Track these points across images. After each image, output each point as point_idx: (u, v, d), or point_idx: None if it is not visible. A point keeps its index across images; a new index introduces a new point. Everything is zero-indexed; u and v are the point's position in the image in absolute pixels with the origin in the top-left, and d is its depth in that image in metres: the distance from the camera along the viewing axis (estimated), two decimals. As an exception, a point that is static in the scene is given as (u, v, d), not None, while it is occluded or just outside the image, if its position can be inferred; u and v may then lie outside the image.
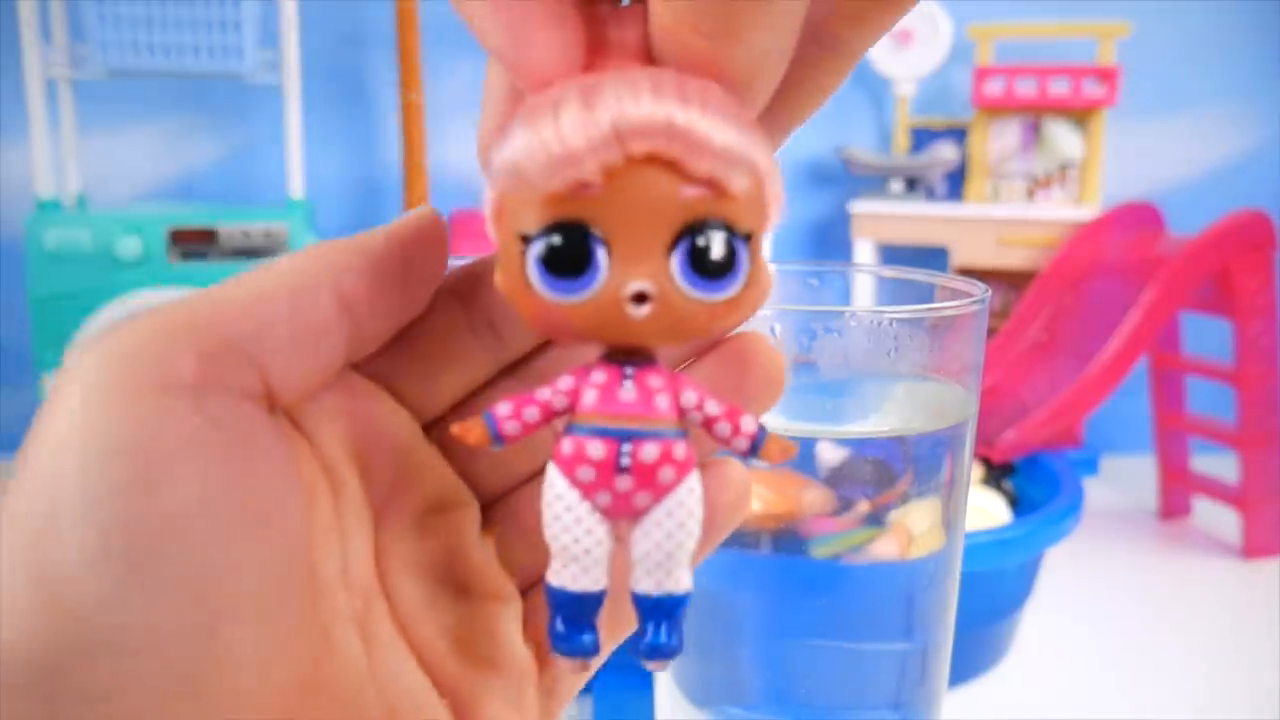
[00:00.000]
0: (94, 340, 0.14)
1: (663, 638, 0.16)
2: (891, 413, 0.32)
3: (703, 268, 0.14)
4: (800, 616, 0.33)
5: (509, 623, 0.18)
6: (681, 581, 0.16)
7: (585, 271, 0.14)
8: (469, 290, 0.18)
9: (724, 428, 0.16)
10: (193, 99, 0.86)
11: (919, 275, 0.33)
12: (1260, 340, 0.66)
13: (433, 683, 0.17)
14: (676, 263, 0.14)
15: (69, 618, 0.13)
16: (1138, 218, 0.78)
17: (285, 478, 0.15)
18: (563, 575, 0.16)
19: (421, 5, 0.80)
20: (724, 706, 0.35)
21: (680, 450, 0.15)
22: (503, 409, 0.16)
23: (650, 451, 0.15)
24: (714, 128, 0.13)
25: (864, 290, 0.37)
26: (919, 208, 0.86)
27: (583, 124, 0.13)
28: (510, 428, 0.16)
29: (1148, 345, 0.66)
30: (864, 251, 0.88)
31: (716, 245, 0.14)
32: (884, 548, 0.34)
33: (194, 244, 0.65)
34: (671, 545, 0.15)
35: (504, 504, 0.19)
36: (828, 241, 0.97)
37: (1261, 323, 0.66)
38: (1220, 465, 0.72)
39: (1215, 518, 0.74)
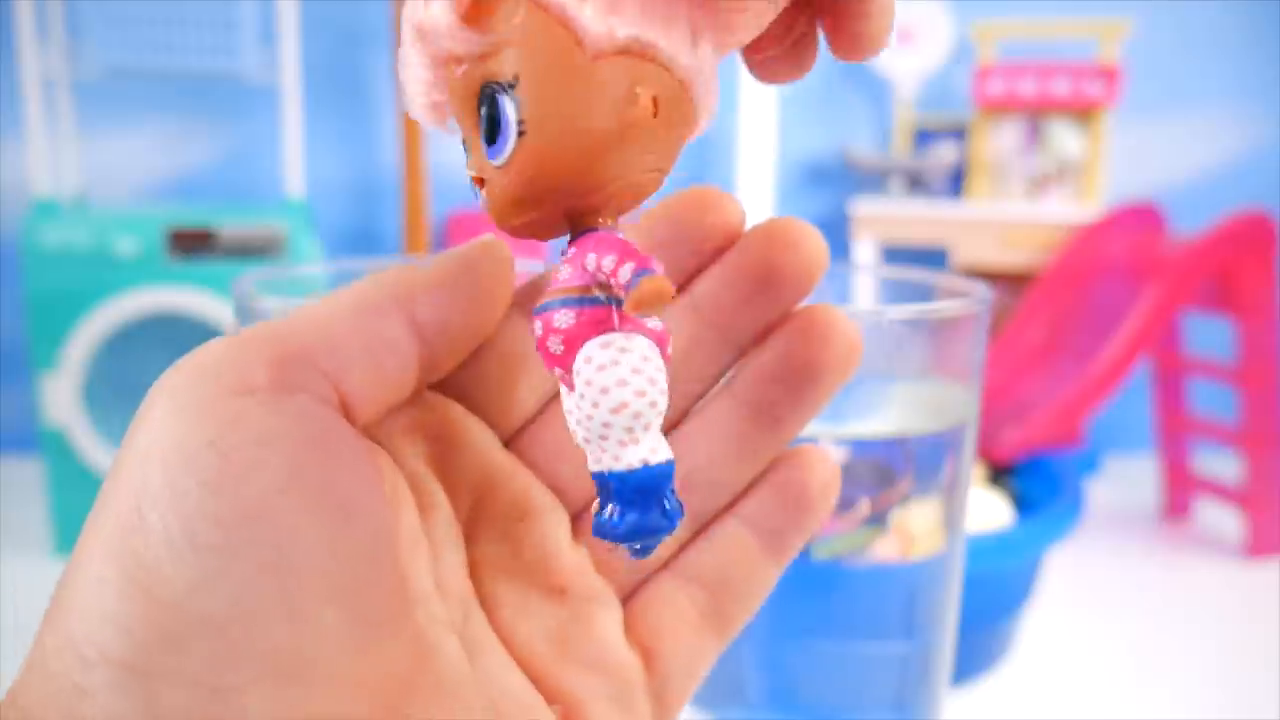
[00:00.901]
0: (178, 361, 0.15)
1: (607, 516, 0.15)
2: (892, 413, 0.32)
3: (490, 134, 0.14)
4: (801, 617, 0.33)
5: (609, 625, 0.18)
6: (621, 459, 0.15)
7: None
8: (530, 302, 0.19)
9: (612, 282, 0.15)
10: (191, 99, 0.86)
11: (919, 275, 0.33)
12: (1262, 340, 0.66)
13: (538, 686, 0.18)
14: (483, 139, 0.14)
15: (159, 605, 0.13)
16: (1139, 218, 0.78)
17: (363, 472, 0.16)
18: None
19: (421, 4, 0.80)
20: (725, 707, 0.35)
21: (561, 319, 0.15)
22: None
23: (556, 319, 0.15)
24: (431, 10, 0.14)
25: (864, 290, 0.37)
26: (919, 208, 0.86)
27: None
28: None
29: (1150, 345, 0.66)
30: (864, 251, 0.88)
31: (491, 105, 0.14)
32: (885, 548, 0.33)
33: (192, 244, 0.64)
34: (591, 424, 0.15)
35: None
36: (828, 241, 0.96)
37: (1263, 322, 0.66)
38: (1222, 465, 0.72)
39: (1217, 517, 0.74)
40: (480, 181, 0.14)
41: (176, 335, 0.70)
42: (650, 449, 0.15)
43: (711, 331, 0.19)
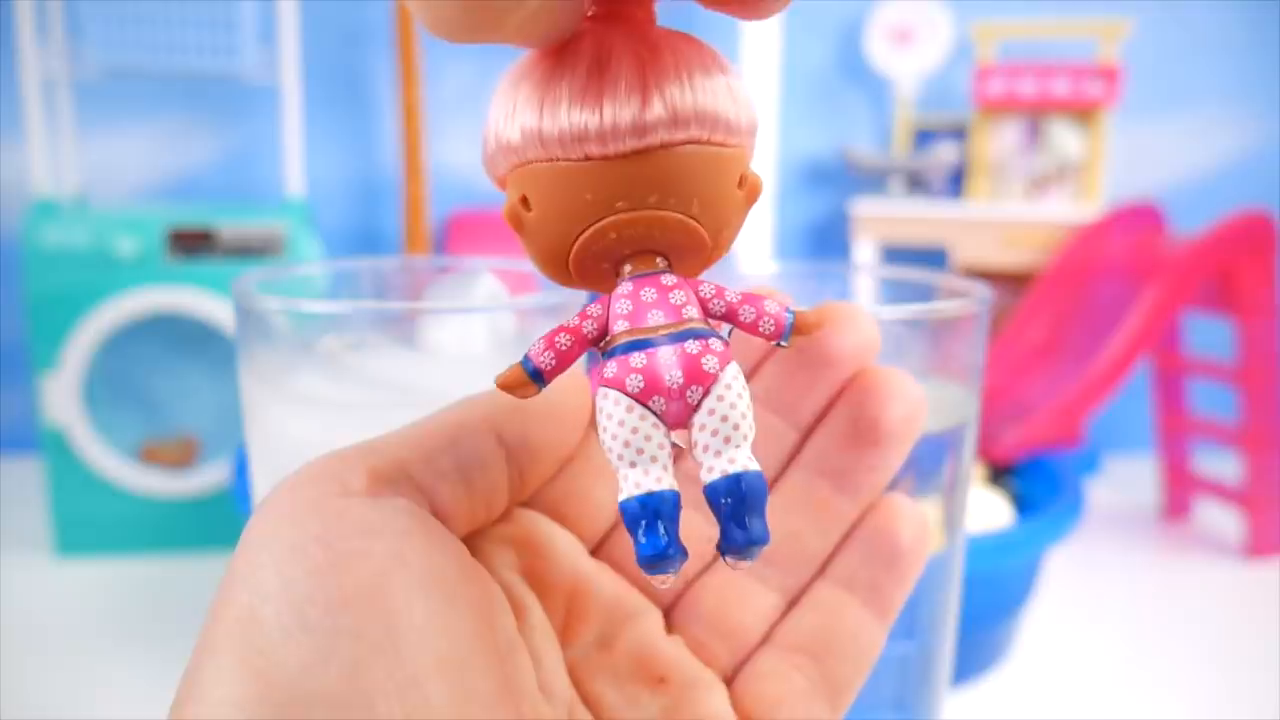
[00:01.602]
0: (279, 482, 0.17)
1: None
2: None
3: None
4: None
5: (716, 704, 0.19)
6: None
7: None
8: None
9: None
10: (191, 99, 0.86)
11: (919, 275, 0.33)
12: (1262, 340, 0.66)
13: None
14: None
15: (275, 687, 0.14)
16: (1139, 218, 0.78)
17: (463, 561, 0.16)
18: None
19: (421, 4, 0.80)
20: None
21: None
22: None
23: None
24: None
25: (864, 290, 0.37)
26: (919, 208, 0.86)
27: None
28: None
29: (1149, 345, 0.66)
30: (864, 251, 0.88)
31: None
32: (885, 548, 0.33)
33: (192, 244, 0.64)
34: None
35: (682, 604, 0.20)
36: (828, 241, 0.96)
37: (1263, 322, 0.66)
38: (1222, 465, 0.72)
39: (1217, 517, 0.74)
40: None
41: (176, 335, 0.70)
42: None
43: (776, 418, 0.20)
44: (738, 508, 0.15)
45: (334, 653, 0.14)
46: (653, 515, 0.15)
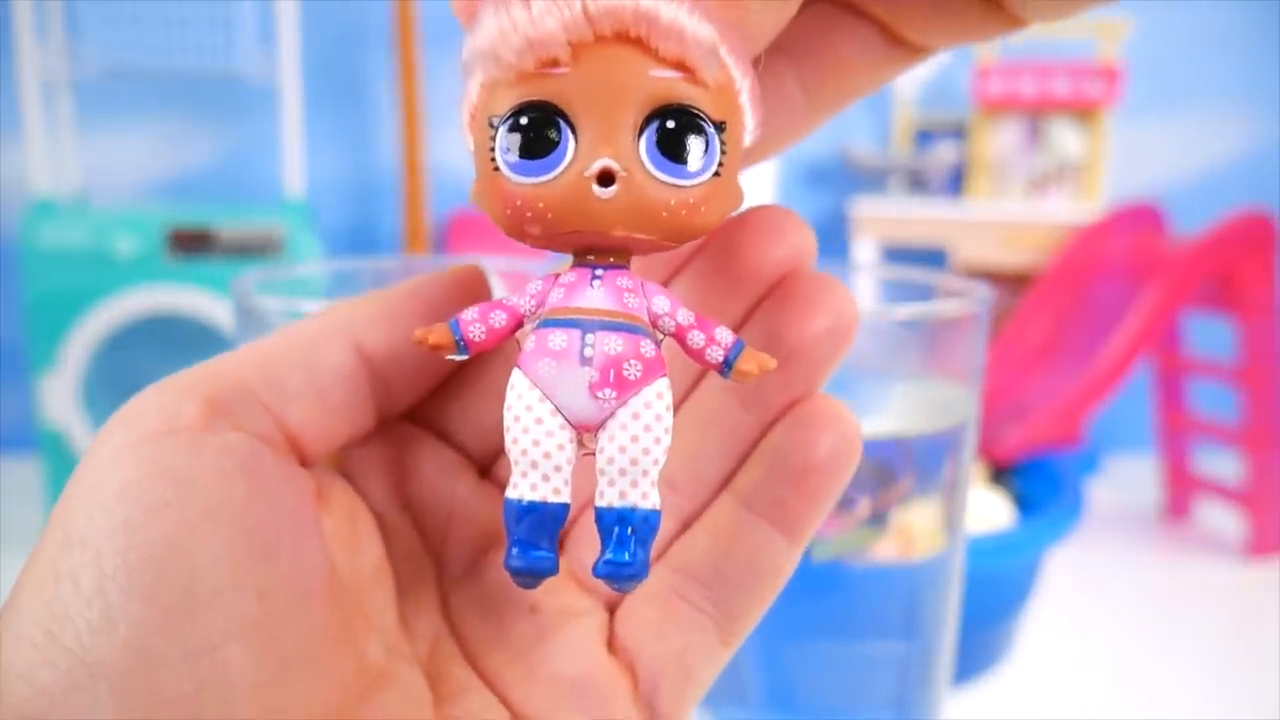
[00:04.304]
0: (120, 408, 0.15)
1: (624, 555, 0.14)
2: (892, 413, 0.32)
3: (671, 149, 0.14)
4: (802, 618, 0.33)
5: (584, 637, 0.18)
6: (648, 497, 0.15)
7: (552, 151, 0.14)
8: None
9: (697, 337, 0.15)
10: (191, 99, 0.86)
11: (919, 275, 0.33)
12: (1263, 340, 0.66)
13: (508, 708, 0.17)
14: (645, 144, 0.14)
15: (65, 652, 0.13)
16: (1140, 218, 0.78)
17: (292, 508, 0.15)
18: (521, 486, 0.14)
19: (420, 5, 0.80)
20: (724, 707, 0.35)
21: (648, 348, 0.15)
22: (469, 314, 0.15)
23: (614, 343, 0.14)
24: (683, 15, 0.13)
25: (864, 290, 0.37)
26: (919, 208, 0.86)
27: (554, 5, 0.13)
28: (474, 332, 0.15)
29: (1150, 345, 0.65)
30: (864, 251, 0.88)
31: (686, 127, 0.14)
32: (885, 548, 0.33)
33: (192, 243, 0.64)
34: (637, 450, 0.14)
35: (575, 528, 0.19)
36: (828, 241, 0.96)
37: (1264, 322, 0.66)
38: (1223, 465, 0.72)
39: (1218, 517, 0.74)
40: (606, 175, 0.14)
41: (176, 335, 0.70)
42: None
43: None
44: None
45: (123, 618, 0.13)
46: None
